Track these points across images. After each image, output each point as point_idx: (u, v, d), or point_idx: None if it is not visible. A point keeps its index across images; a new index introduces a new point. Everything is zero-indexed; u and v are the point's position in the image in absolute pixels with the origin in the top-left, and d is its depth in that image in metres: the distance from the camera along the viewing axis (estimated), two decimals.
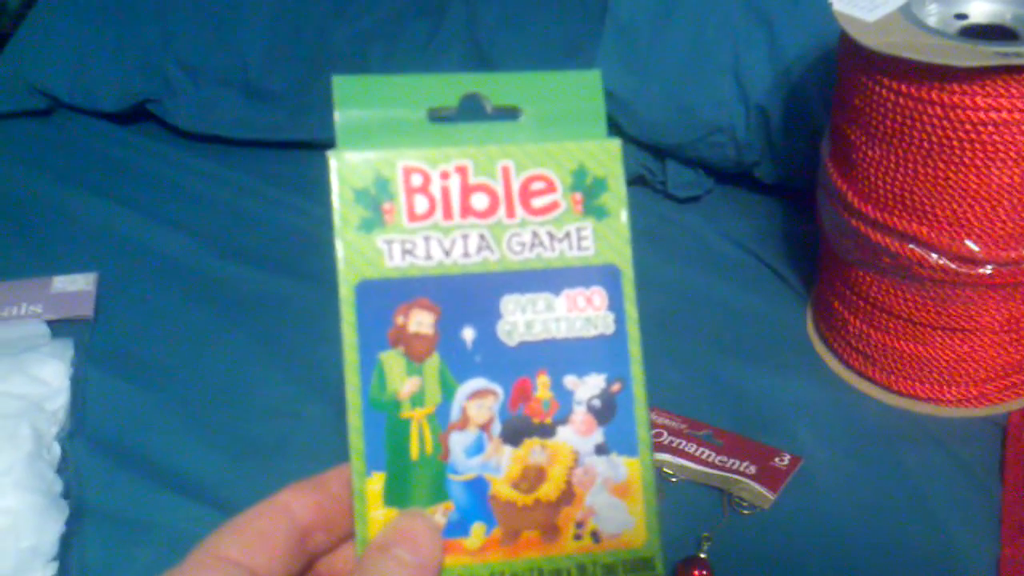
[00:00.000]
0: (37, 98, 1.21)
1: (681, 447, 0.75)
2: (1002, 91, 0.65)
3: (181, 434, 0.82)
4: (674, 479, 0.74)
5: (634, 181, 1.06)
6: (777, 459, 0.75)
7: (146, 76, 1.18)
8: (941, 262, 0.72)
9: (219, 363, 0.89)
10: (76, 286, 0.97)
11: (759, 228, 1.00)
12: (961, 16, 0.74)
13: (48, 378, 0.81)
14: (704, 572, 0.68)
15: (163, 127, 1.19)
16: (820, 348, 0.86)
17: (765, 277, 0.95)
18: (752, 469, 0.74)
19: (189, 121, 1.17)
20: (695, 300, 0.93)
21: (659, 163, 1.04)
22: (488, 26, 1.08)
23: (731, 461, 0.74)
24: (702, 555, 0.69)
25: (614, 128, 1.04)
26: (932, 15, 0.73)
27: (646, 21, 1.00)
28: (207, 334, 0.92)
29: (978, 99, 0.65)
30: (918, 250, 0.73)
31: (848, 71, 0.72)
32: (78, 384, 0.84)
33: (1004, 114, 0.65)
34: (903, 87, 0.68)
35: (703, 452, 0.75)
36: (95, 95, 1.20)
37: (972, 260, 0.72)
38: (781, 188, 1.01)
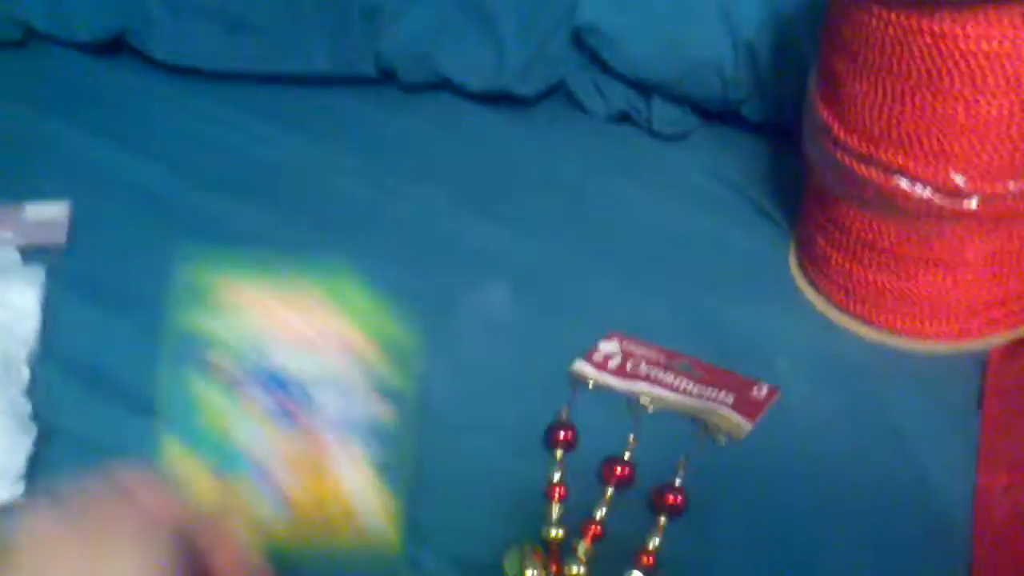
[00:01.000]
0: (11, 27, 1.19)
1: (658, 377, 0.75)
2: (993, 20, 0.64)
3: (151, 361, 0.81)
4: (650, 409, 0.74)
5: (619, 118, 1.06)
6: (755, 390, 0.75)
7: (123, 6, 1.15)
8: (926, 195, 0.72)
9: None
10: (49, 214, 0.96)
11: (745, 166, 0.99)
12: None
13: (18, 302, 0.81)
14: (678, 498, 0.69)
15: (140, 59, 1.17)
16: (802, 283, 0.86)
17: (749, 214, 0.94)
18: (729, 399, 0.74)
19: (167, 52, 1.15)
20: (679, 236, 0.92)
21: (644, 100, 1.03)
22: None
23: (709, 390, 0.74)
24: (677, 481, 0.70)
25: (599, 65, 1.03)
26: None
27: None
28: (179, 264, 0.91)
29: (968, 28, 0.65)
30: (903, 183, 0.72)
31: (836, 2, 0.71)
32: (49, 309, 0.83)
33: (995, 44, 0.65)
34: (891, 15, 0.67)
35: (681, 382, 0.75)
36: (71, 25, 1.17)
37: (957, 193, 0.71)
38: (768, 126, 1.00)
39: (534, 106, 1.08)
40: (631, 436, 0.73)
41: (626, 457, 0.72)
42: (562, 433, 0.73)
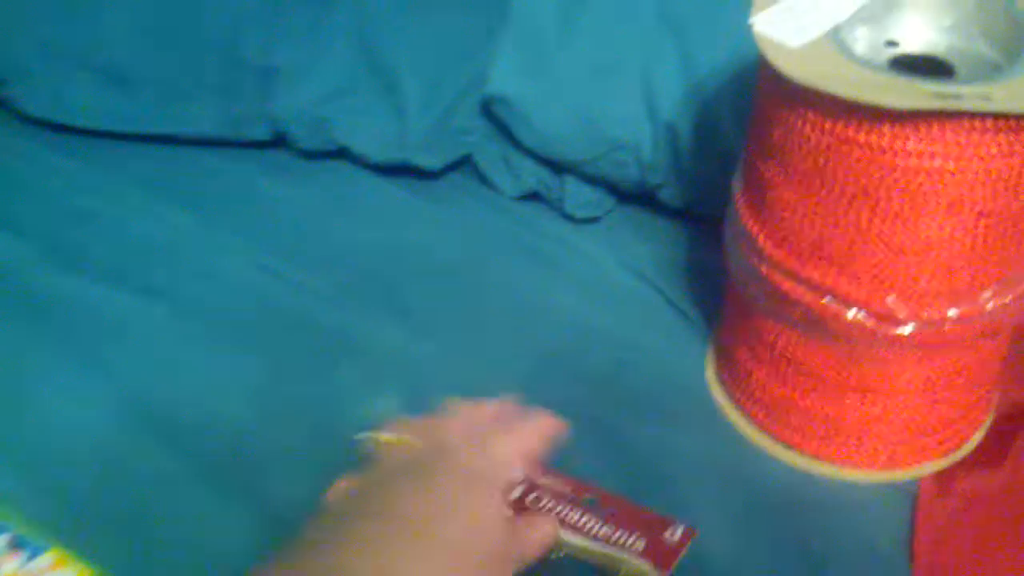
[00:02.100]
0: None
1: (565, 516, 0.66)
2: (936, 136, 0.57)
3: None
4: (554, 555, 0.66)
5: (528, 197, 0.98)
6: (668, 532, 0.67)
7: None
8: (858, 318, 0.65)
9: (51, 389, 0.78)
10: None
11: (661, 256, 0.92)
12: (892, 44, 0.66)
13: None
14: None
15: (10, 112, 1.06)
16: (720, 397, 0.79)
17: (664, 312, 0.86)
18: (641, 544, 0.65)
19: (40, 107, 1.05)
20: (586, 335, 0.84)
21: (557, 179, 0.96)
22: (377, 18, 0.98)
23: (618, 533, 0.66)
24: None
25: (509, 139, 0.95)
26: (861, 40, 0.65)
27: (550, 22, 0.91)
28: (33, 360, 0.80)
29: (909, 143, 0.58)
30: (833, 304, 0.65)
31: (767, 101, 0.64)
32: None
33: (938, 161, 0.58)
34: (826, 124, 0.60)
35: (588, 522, 0.66)
36: None
37: (892, 318, 0.64)
38: (687, 213, 0.93)
39: (438, 179, 1.00)
40: None
41: None
42: None
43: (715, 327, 0.83)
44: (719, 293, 0.82)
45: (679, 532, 0.65)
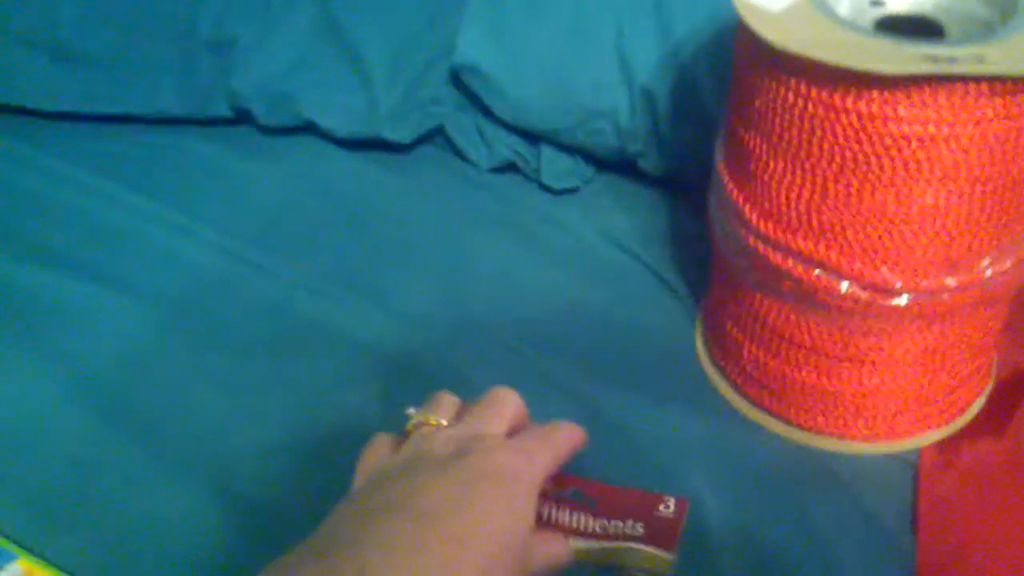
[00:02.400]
0: None
1: (555, 517, 0.63)
2: (929, 101, 0.54)
3: None
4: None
5: (504, 168, 0.94)
6: (662, 507, 0.64)
7: None
8: (851, 291, 0.62)
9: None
10: None
11: (644, 226, 0.89)
12: (877, 3, 0.63)
13: None
14: None
15: None
16: (711, 371, 0.76)
17: (649, 285, 0.84)
18: (639, 529, 0.63)
19: None
20: (568, 311, 0.82)
21: (532, 149, 0.92)
22: None
23: (613, 524, 0.63)
24: None
25: (481, 109, 0.92)
26: (844, 1, 0.62)
27: None
28: None
29: (900, 109, 0.55)
30: (825, 276, 0.63)
31: (747, 69, 0.61)
32: None
33: (931, 128, 0.55)
34: (813, 91, 0.57)
35: (578, 519, 0.63)
36: None
37: (887, 289, 0.62)
38: (669, 181, 0.90)
39: (409, 153, 0.97)
40: None
41: None
42: None
43: (702, 299, 0.80)
44: (705, 263, 0.79)
45: (672, 505, 0.62)
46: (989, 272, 0.62)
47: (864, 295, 0.62)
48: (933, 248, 0.60)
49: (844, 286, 0.62)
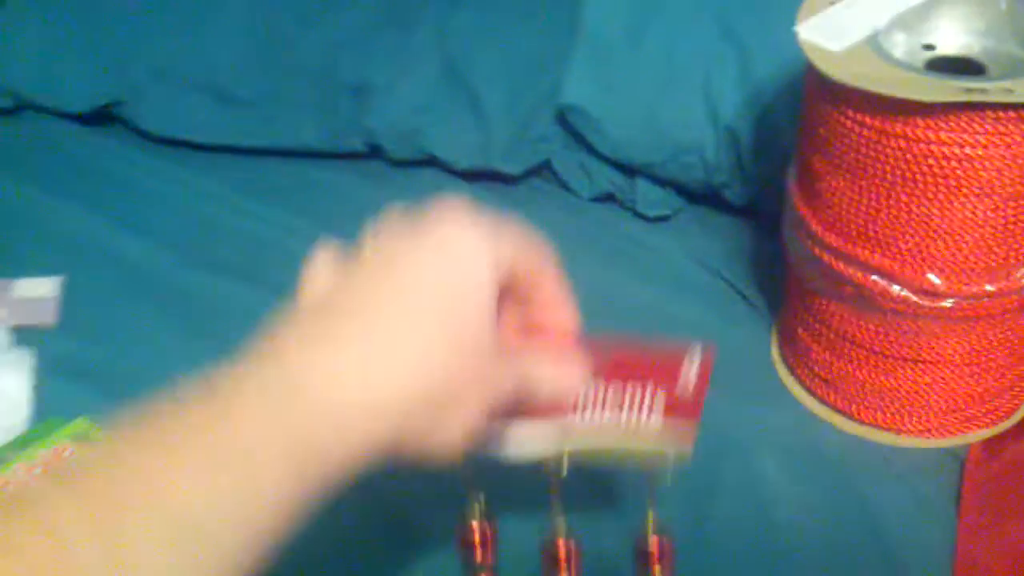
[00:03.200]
0: (3, 97, 1.20)
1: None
2: (965, 126, 0.64)
3: None
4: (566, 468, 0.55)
5: (603, 199, 1.06)
6: (684, 370, 0.55)
7: (114, 78, 1.16)
8: (903, 294, 0.72)
9: (178, 372, 0.88)
10: (39, 291, 0.96)
11: (727, 249, 0.99)
12: (929, 47, 0.73)
13: (7, 390, 0.80)
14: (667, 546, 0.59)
15: (131, 130, 1.18)
16: (784, 373, 0.86)
17: (732, 300, 0.94)
18: (660, 401, 0.54)
19: (157, 124, 1.16)
20: (661, 322, 0.92)
21: (629, 181, 1.04)
22: (459, 38, 1.07)
23: (628, 398, 0.54)
24: (653, 538, 0.60)
25: (584, 145, 1.04)
26: (899, 46, 0.73)
27: (618, 38, 0.99)
28: (168, 343, 0.91)
29: (942, 134, 0.65)
30: (880, 281, 0.72)
31: (814, 100, 0.72)
32: (38, 395, 0.82)
33: (967, 149, 0.65)
34: (867, 119, 0.67)
35: (589, 405, 0.54)
36: (62, 95, 1.19)
37: (934, 293, 0.71)
38: (750, 209, 1.01)
39: (519, 184, 1.09)
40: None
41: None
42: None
43: (778, 312, 0.90)
44: (780, 281, 0.89)
45: (695, 364, 0.56)
46: None
47: (914, 298, 0.72)
48: (973, 256, 0.70)
49: (896, 289, 0.72)
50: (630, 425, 0.52)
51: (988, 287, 0.71)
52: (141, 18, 1.17)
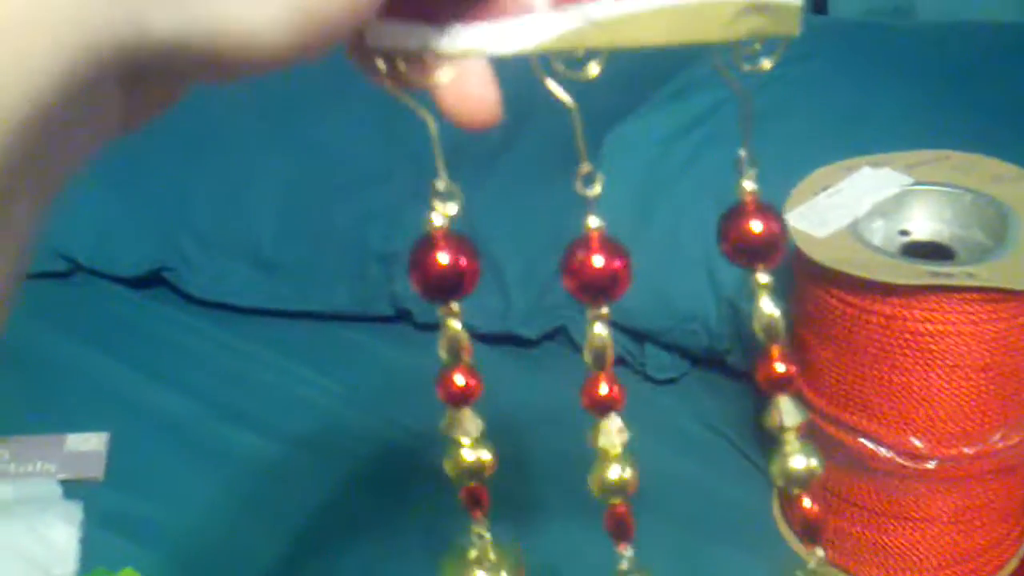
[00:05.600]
0: (59, 261, 1.30)
1: None
2: (935, 305, 0.72)
3: None
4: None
5: (615, 362, 1.12)
6: None
7: (162, 245, 1.26)
8: (889, 455, 0.78)
9: (218, 528, 0.94)
10: (89, 445, 1.02)
11: (731, 411, 1.06)
12: (904, 232, 0.82)
13: (57, 542, 0.86)
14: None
15: (176, 293, 1.27)
16: (784, 530, 0.92)
17: (735, 459, 1.00)
18: None
19: (201, 289, 1.25)
20: (667, 479, 0.98)
21: (638, 346, 1.11)
22: (480, 214, 1.16)
23: None
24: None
25: None
26: (878, 232, 0.81)
27: (627, 218, 1.08)
28: (208, 499, 0.97)
29: (915, 312, 0.73)
30: (868, 444, 0.79)
31: (802, 280, 0.80)
32: (86, 546, 0.88)
33: (939, 325, 0.73)
34: (849, 298, 0.75)
35: None
36: (114, 261, 1.28)
37: (917, 455, 0.78)
38: (752, 373, 1.07)
39: (536, 347, 1.17)
40: None
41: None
42: None
43: None
44: None
45: None
46: (1001, 444, 0.78)
47: (899, 459, 0.78)
48: (951, 423, 0.76)
49: (883, 452, 0.78)
50: None
51: (966, 450, 0.77)
52: (187, 190, 1.27)
